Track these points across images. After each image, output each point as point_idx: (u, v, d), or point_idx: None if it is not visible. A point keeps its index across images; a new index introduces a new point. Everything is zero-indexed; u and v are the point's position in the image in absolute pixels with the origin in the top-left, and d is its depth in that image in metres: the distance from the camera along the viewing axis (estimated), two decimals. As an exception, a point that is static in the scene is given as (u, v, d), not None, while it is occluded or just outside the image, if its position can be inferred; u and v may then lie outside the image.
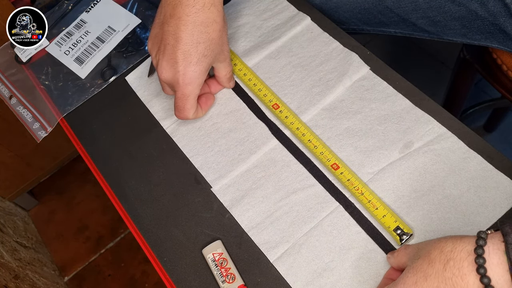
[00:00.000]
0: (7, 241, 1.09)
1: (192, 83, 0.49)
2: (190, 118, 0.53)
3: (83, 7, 0.67)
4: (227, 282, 0.45)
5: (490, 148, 0.47)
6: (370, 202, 0.46)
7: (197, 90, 0.51)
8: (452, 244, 0.34)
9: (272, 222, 0.48)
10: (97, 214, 1.32)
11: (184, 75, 0.49)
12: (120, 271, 1.24)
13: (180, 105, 0.51)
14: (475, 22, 0.59)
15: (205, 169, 0.53)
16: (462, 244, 0.34)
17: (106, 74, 0.62)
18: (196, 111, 0.53)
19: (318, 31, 0.59)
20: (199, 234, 0.49)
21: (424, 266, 0.35)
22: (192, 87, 0.50)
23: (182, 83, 0.49)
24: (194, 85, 0.50)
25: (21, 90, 0.64)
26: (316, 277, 0.45)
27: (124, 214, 0.52)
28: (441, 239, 0.36)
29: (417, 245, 0.39)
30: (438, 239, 0.36)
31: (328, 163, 0.49)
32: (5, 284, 0.94)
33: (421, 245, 0.38)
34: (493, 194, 0.45)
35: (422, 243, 0.38)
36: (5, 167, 1.18)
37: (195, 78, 0.49)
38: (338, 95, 0.54)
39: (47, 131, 0.60)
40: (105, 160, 0.56)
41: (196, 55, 0.48)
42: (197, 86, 0.50)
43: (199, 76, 0.50)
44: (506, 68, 0.67)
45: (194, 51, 0.48)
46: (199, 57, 0.49)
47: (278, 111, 0.53)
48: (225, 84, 0.56)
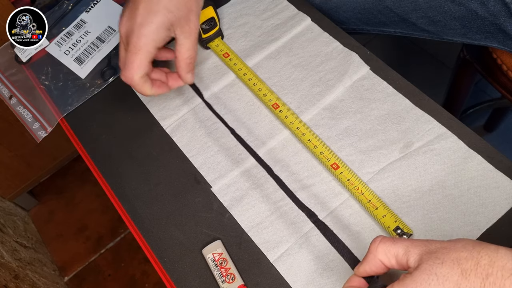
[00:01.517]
0: (7, 241, 1.09)
1: (147, 35, 0.46)
2: (136, 83, 0.49)
3: (83, 7, 0.67)
4: (227, 282, 0.45)
5: (490, 148, 0.47)
6: (370, 202, 0.46)
7: (150, 46, 0.47)
8: (488, 257, 0.32)
9: (272, 222, 0.48)
10: (97, 214, 1.32)
11: (141, 24, 0.47)
12: (120, 271, 1.24)
13: (128, 60, 0.48)
14: (475, 22, 0.59)
15: (205, 169, 0.53)
16: (501, 260, 0.31)
17: (106, 74, 0.62)
18: (146, 84, 0.49)
19: (318, 31, 0.59)
20: (199, 234, 0.49)
21: (454, 276, 0.32)
22: (146, 40, 0.47)
23: (137, 33, 0.47)
24: (149, 39, 0.47)
25: (21, 90, 0.64)
26: (316, 277, 0.45)
27: (124, 214, 0.52)
28: (466, 245, 0.33)
29: (421, 242, 0.35)
30: (463, 245, 0.33)
31: (328, 162, 0.49)
32: (5, 284, 0.94)
33: (432, 245, 0.34)
34: (493, 194, 0.45)
35: (430, 243, 0.34)
36: (5, 167, 1.18)
37: (151, 31, 0.47)
38: (338, 95, 0.54)
39: (47, 131, 0.60)
40: (105, 160, 0.56)
41: (157, 6, 0.46)
42: (151, 41, 0.47)
43: (156, 30, 0.47)
44: (506, 68, 0.67)
45: (156, 2, 0.46)
46: (160, 9, 0.46)
47: (278, 111, 0.53)
48: (183, 71, 0.51)
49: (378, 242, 0.36)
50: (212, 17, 0.58)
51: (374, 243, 0.36)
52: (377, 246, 0.36)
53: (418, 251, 0.34)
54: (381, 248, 0.36)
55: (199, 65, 0.60)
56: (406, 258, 0.35)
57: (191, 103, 0.57)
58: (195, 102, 0.57)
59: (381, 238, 0.36)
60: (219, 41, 0.60)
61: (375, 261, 0.36)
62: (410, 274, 0.33)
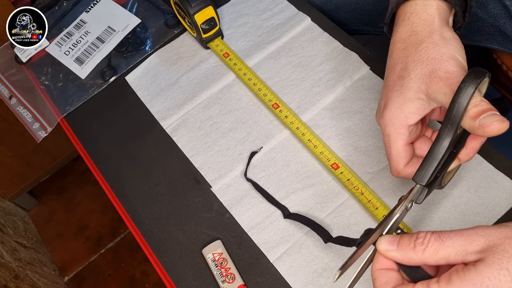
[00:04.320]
0: (7, 241, 1.09)
1: None
2: None
3: (83, 7, 0.67)
4: (227, 282, 0.45)
5: (490, 148, 0.47)
6: (370, 202, 0.46)
7: None
8: None
9: (272, 222, 0.48)
10: (97, 214, 1.32)
11: None
12: (120, 271, 1.24)
13: None
14: (475, 24, 0.59)
15: (205, 169, 0.53)
16: None
17: (106, 74, 0.62)
18: None
19: (318, 31, 0.59)
20: (199, 234, 0.49)
21: None
22: None
23: None
24: None
25: (21, 90, 0.64)
26: (316, 277, 0.45)
27: (124, 214, 0.52)
28: None
29: (476, 236, 0.30)
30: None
31: (328, 162, 0.49)
32: (5, 284, 0.94)
33: (491, 236, 0.30)
34: (493, 194, 0.45)
35: (488, 233, 0.30)
36: (5, 167, 1.18)
37: None
38: (338, 95, 0.54)
39: (47, 131, 0.60)
40: (105, 160, 0.56)
41: None
42: None
43: None
44: (506, 68, 0.67)
45: None
46: None
47: (278, 111, 0.53)
48: None
49: (424, 248, 0.31)
50: (212, 17, 0.58)
51: (419, 247, 0.31)
52: (423, 251, 0.31)
53: (476, 248, 0.30)
54: (428, 253, 0.31)
55: (199, 65, 0.60)
56: (460, 257, 0.30)
57: (191, 103, 0.57)
58: (195, 102, 0.57)
59: (428, 241, 0.31)
60: (219, 41, 0.60)
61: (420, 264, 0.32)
62: (474, 266, 0.29)
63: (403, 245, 0.32)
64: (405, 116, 0.39)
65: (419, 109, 0.39)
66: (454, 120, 0.35)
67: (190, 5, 0.56)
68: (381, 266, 0.33)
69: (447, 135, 0.36)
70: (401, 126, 0.40)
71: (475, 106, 0.35)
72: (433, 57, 0.39)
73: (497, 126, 0.34)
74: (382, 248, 0.32)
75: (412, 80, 0.39)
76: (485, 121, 0.34)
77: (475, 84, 0.34)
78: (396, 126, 0.40)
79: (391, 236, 0.33)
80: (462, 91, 0.34)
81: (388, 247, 0.32)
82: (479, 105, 0.35)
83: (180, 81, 0.59)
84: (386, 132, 0.41)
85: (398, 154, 0.40)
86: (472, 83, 0.34)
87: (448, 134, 0.36)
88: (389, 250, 0.32)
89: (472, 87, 0.34)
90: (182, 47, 0.62)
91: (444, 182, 0.40)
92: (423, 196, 0.37)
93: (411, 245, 0.31)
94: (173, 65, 0.61)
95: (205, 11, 0.57)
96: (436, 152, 0.36)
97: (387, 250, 0.32)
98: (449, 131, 0.36)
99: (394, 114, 0.40)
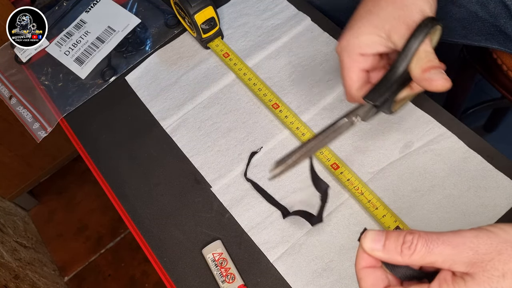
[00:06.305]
0: (7, 241, 1.09)
1: None
2: None
3: (83, 7, 0.67)
4: (227, 282, 0.45)
5: (490, 148, 0.47)
6: (370, 202, 0.46)
7: None
8: None
9: (272, 222, 0.48)
10: (97, 214, 1.32)
11: None
12: (120, 271, 1.24)
13: None
14: (476, 24, 0.59)
15: (205, 169, 0.53)
16: None
17: (106, 74, 0.62)
18: None
19: (318, 31, 0.59)
20: (199, 234, 0.49)
21: None
22: None
23: None
24: None
25: (21, 90, 0.64)
26: (316, 277, 0.45)
27: (124, 214, 0.52)
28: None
29: (464, 246, 0.29)
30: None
31: (328, 162, 0.49)
32: (5, 284, 0.94)
33: (480, 249, 0.29)
34: (493, 194, 0.45)
35: (477, 246, 0.29)
36: (5, 167, 1.18)
37: None
38: (338, 95, 0.54)
39: (47, 131, 0.60)
40: (105, 160, 0.56)
41: None
42: None
43: None
44: (506, 68, 0.67)
45: None
46: None
47: (278, 111, 0.53)
48: None
49: (411, 254, 0.30)
50: (212, 17, 0.58)
51: (406, 252, 0.30)
52: (410, 255, 0.30)
53: (464, 260, 0.29)
54: (414, 258, 0.30)
55: (199, 65, 0.60)
56: (447, 265, 0.30)
57: (191, 103, 0.57)
58: (195, 102, 0.57)
59: (415, 246, 0.30)
60: (219, 41, 0.60)
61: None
62: (463, 281, 0.29)
63: (389, 248, 0.31)
64: (359, 45, 0.42)
65: (375, 43, 0.42)
66: (407, 54, 0.39)
67: (190, 5, 0.56)
68: (366, 264, 0.32)
69: (401, 65, 0.39)
70: (354, 52, 0.43)
71: (429, 61, 0.39)
72: (406, 4, 0.41)
73: (442, 83, 0.38)
74: (367, 247, 0.31)
75: (379, 17, 0.42)
76: (434, 76, 0.38)
77: (429, 28, 0.39)
78: (350, 53, 0.43)
79: (377, 233, 0.31)
80: (419, 31, 0.39)
81: (373, 245, 0.31)
82: (433, 61, 0.39)
83: (180, 81, 0.59)
84: (341, 58, 0.44)
85: (350, 78, 0.43)
86: (427, 26, 0.39)
87: (402, 65, 0.39)
88: (374, 250, 0.31)
89: (426, 31, 0.39)
90: (182, 47, 0.62)
91: (394, 108, 0.43)
92: (371, 115, 0.41)
93: (397, 249, 0.30)
94: (173, 65, 0.61)
95: (205, 11, 0.57)
96: (390, 77, 0.40)
97: (373, 250, 0.31)
98: (403, 62, 0.39)
99: (350, 41, 0.43)
